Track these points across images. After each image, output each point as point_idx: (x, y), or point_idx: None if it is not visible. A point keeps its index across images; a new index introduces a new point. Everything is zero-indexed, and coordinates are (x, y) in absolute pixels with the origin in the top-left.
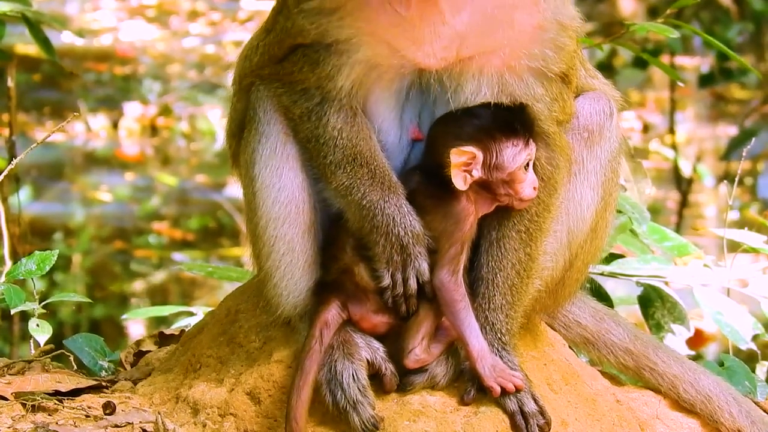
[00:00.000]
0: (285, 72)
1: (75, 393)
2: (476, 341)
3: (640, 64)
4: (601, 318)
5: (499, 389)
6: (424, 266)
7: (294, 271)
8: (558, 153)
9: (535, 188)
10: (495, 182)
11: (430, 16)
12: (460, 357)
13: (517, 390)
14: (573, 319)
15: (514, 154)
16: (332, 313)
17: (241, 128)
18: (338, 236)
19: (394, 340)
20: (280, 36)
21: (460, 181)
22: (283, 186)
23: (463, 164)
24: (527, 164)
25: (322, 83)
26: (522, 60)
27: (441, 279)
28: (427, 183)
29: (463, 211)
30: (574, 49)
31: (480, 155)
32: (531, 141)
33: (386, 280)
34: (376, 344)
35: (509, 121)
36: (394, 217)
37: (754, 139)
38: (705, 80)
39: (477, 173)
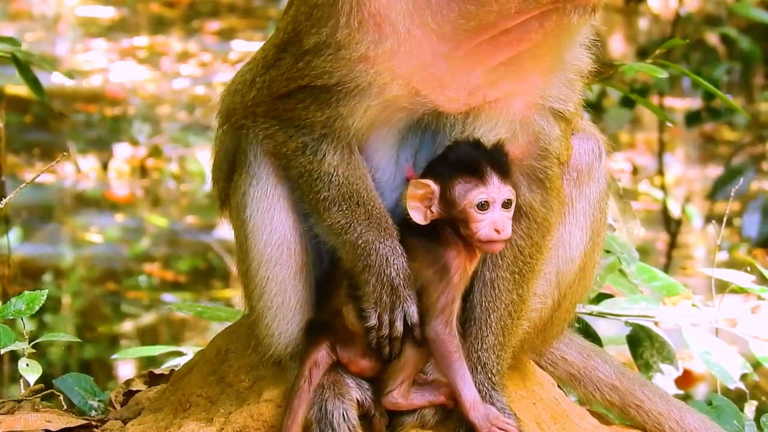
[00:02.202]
0: (286, 108)
1: None
2: (469, 392)
3: (627, 103)
4: (588, 355)
5: None
6: (413, 309)
7: (286, 312)
8: (553, 195)
9: (497, 230)
10: (454, 221)
11: (473, 64)
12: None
13: None
14: (559, 355)
15: (466, 191)
16: (322, 354)
17: (229, 165)
18: (335, 276)
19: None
20: (287, 75)
21: (417, 214)
22: (275, 228)
23: (421, 197)
24: (483, 204)
25: (329, 122)
26: (547, 101)
27: (435, 330)
28: (416, 230)
29: (449, 256)
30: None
31: (437, 189)
32: (494, 181)
33: (372, 321)
34: (366, 385)
35: (471, 158)
36: (387, 258)
37: (742, 179)
38: (692, 119)
39: (435, 209)
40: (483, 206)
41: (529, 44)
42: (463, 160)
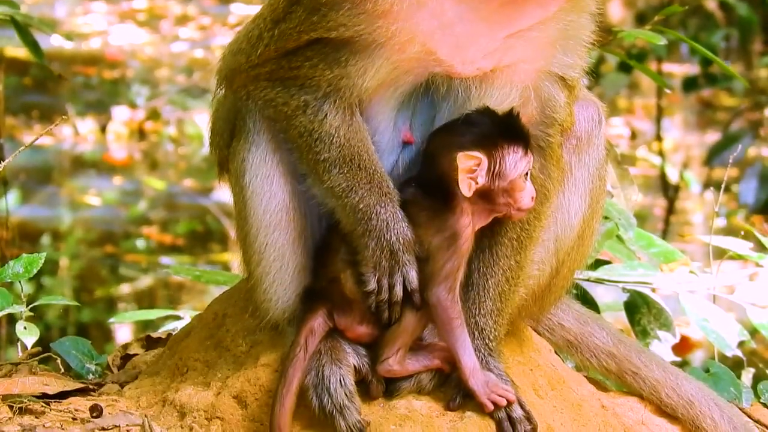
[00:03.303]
0: (292, 66)
1: (62, 396)
2: (469, 359)
3: (625, 68)
4: (585, 321)
5: (492, 406)
6: (413, 274)
7: (284, 277)
8: (552, 163)
9: (532, 198)
10: (496, 191)
11: (495, 27)
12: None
13: (508, 403)
14: (557, 322)
15: (516, 161)
16: (318, 321)
17: (229, 132)
18: (331, 242)
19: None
20: (299, 28)
21: (465, 187)
22: (274, 194)
23: (469, 170)
24: (527, 173)
25: (334, 81)
26: (557, 67)
27: (438, 296)
28: (422, 196)
29: (460, 225)
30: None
31: (485, 161)
32: (529, 150)
33: (372, 285)
34: (363, 351)
35: (510, 127)
36: (388, 222)
37: (740, 145)
38: (689, 85)
39: (482, 180)
40: (527, 176)
41: (555, 9)
42: (507, 130)
